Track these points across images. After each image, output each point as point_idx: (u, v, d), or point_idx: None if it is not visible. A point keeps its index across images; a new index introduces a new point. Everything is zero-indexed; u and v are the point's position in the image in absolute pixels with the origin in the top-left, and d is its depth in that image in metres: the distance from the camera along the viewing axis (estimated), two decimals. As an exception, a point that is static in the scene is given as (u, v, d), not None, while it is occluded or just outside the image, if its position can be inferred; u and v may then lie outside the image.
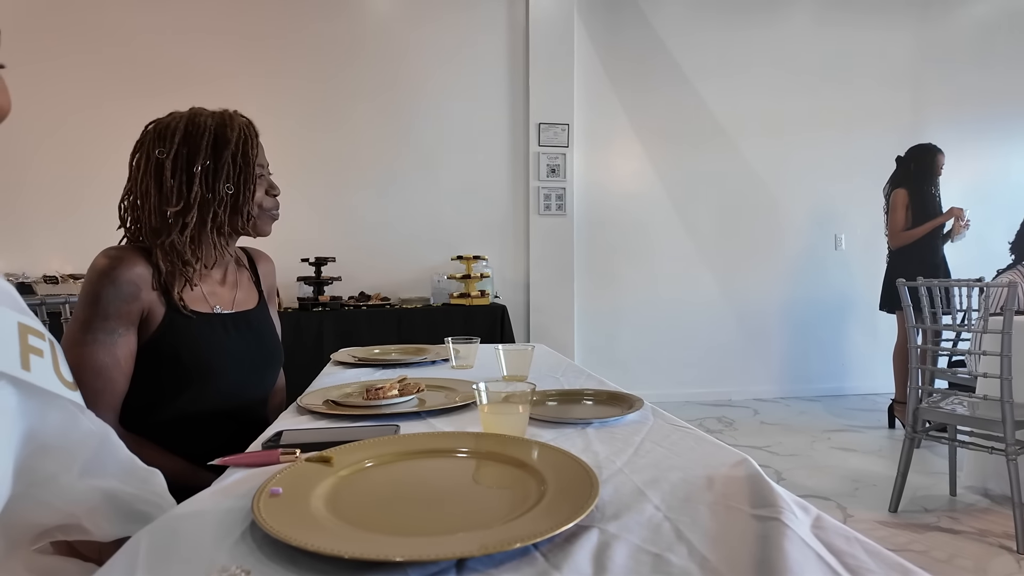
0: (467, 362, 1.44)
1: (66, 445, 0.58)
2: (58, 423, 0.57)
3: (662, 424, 0.91)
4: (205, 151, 1.07)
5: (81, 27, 3.49)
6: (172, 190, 1.06)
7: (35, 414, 0.54)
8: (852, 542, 0.50)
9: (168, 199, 1.06)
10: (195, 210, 1.06)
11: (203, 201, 1.07)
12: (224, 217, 1.10)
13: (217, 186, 1.08)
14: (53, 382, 0.53)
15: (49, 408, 0.56)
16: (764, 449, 3.09)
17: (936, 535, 2.08)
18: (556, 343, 3.58)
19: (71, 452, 0.59)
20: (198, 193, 1.06)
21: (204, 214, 1.08)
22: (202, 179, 1.07)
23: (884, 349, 3.67)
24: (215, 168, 1.07)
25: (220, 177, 1.08)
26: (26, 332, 0.51)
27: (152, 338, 1.03)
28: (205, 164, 1.07)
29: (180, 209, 1.06)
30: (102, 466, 0.62)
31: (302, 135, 3.70)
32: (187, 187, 1.06)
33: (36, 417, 0.54)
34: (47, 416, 0.56)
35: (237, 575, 0.46)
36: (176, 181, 1.06)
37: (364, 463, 0.71)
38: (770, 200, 4.28)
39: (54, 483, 0.58)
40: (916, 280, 2.27)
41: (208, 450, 0.97)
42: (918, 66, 4.43)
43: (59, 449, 0.57)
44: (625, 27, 4.08)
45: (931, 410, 2.17)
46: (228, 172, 1.08)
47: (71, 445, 0.58)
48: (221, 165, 1.08)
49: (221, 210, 1.09)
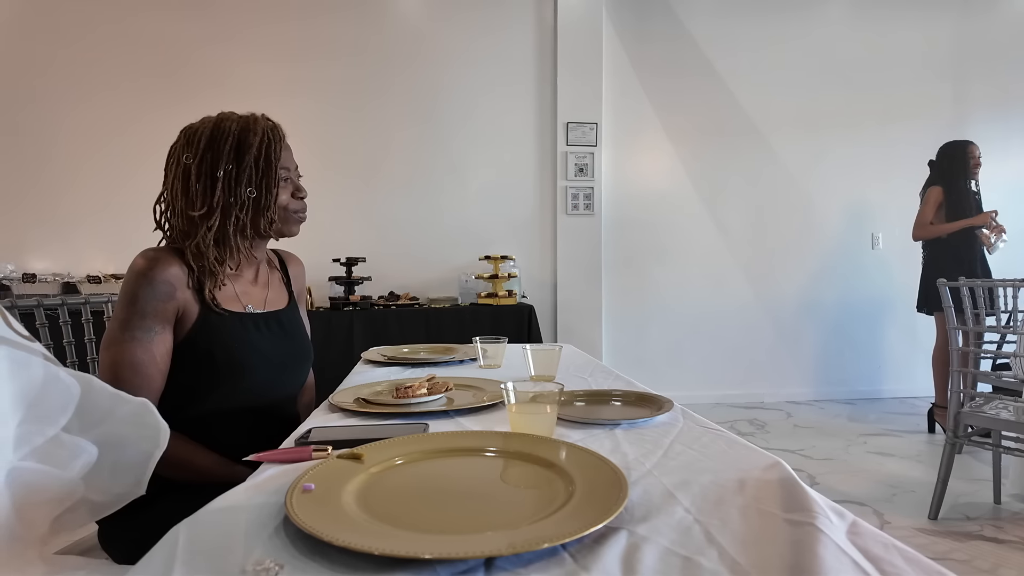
0: (495, 362, 1.44)
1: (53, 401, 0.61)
2: (40, 378, 0.60)
3: (692, 426, 0.89)
4: (227, 156, 1.09)
5: (122, 36, 3.60)
6: (197, 194, 1.08)
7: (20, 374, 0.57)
8: (890, 549, 0.49)
9: (193, 203, 1.09)
10: (218, 214, 1.08)
11: (226, 205, 1.09)
12: (246, 220, 1.11)
13: (239, 190, 1.09)
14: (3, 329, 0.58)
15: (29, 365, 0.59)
16: (797, 453, 3.03)
17: (979, 544, 2.00)
18: (584, 343, 3.57)
19: (59, 408, 0.61)
20: (220, 197, 1.08)
21: (226, 218, 1.09)
22: (225, 183, 1.09)
23: (924, 351, 3.56)
24: (237, 172, 1.09)
25: (242, 181, 1.09)
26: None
27: (187, 336, 1.06)
28: (227, 168, 1.09)
29: (204, 213, 1.08)
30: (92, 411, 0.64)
31: (333, 137, 3.76)
32: (211, 191, 1.08)
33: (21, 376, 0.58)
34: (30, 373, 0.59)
35: (271, 568, 0.47)
36: (201, 185, 1.09)
37: (394, 460, 0.71)
38: (804, 198, 4.18)
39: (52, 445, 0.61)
40: (958, 280, 2.20)
41: (238, 444, 0.99)
42: (960, 60, 4.28)
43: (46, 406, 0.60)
44: (654, 24, 4.03)
45: (974, 415, 2.09)
46: (250, 176, 1.10)
47: (57, 400, 0.61)
48: (243, 169, 1.09)
49: (243, 214, 1.10)
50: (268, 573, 0.46)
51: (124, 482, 0.66)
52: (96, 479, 0.64)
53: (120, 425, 0.66)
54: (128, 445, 0.66)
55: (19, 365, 0.58)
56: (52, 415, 0.61)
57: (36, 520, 0.62)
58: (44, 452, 0.60)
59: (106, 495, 0.66)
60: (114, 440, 0.65)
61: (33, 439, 0.59)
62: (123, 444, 0.66)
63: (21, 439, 0.58)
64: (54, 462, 0.61)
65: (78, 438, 0.63)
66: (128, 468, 0.66)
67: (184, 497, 0.69)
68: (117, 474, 0.66)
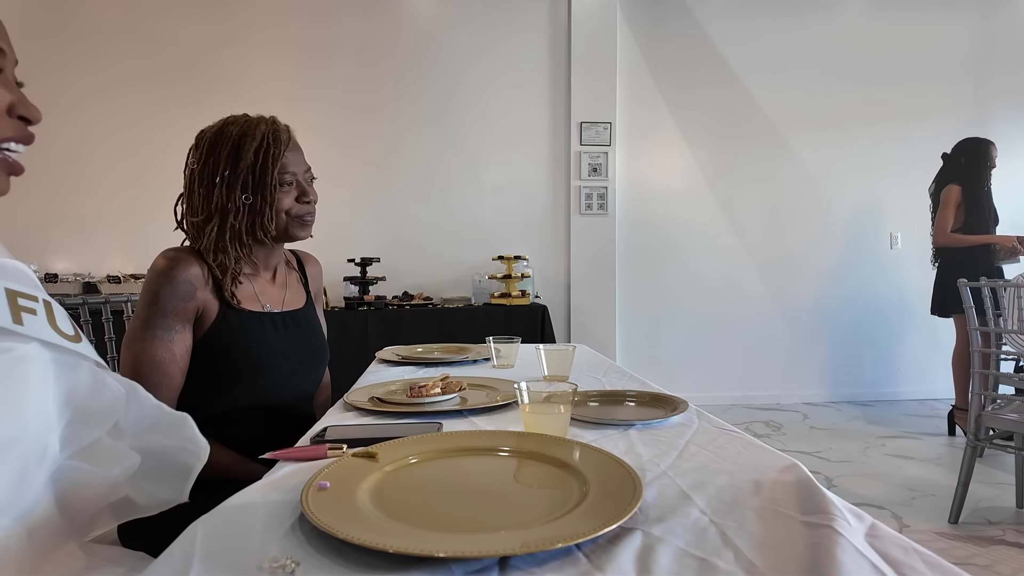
0: (508, 361, 1.44)
1: (99, 405, 0.62)
2: (88, 383, 0.61)
3: (707, 427, 0.89)
4: (225, 161, 1.09)
5: (141, 38, 3.65)
6: (200, 199, 1.10)
7: (68, 378, 0.59)
8: (910, 552, 0.48)
9: (195, 209, 1.10)
10: (216, 219, 1.09)
11: (223, 210, 1.09)
12: (241, 227, 1.10)
13: (234, 195, 1.09)
14: (49, 334, 0.59)
15: (78, 370, 0.60)
16: (814, 455, 2.99)
17: (1001, 549, 1.97)
18: (597, 344, 3.55)
19: (104, 411, 0.63)
20: (218, 202, 1.09)
21: (223, 223, 1.09)
22: (220, 189, 1.09)
23: (943, 352, 3.50)
24: (232, 178, 1.09)
25: (236, 187, 1.09)
26: (15, 295, 0.57)
27: (206, 335, 1.08)
28: (224, 174, 1.09)
29: (203, 218, 1.09)
30: (137, 421, 0.65)
31: (348, 137, 3.78)
32: (209, 197, 1.09)
33: (69, 380, 0.59)
34: (78, 378, 0.60)
35: (287, 565, 0.47)
36: (204, 190, 1.10)
37: (408, 459, 0.72)
38: (821, 197, 4.13)
39: (97, 447, 0.62)
40: (979, 280, 2.16)
41: (255, 443, 1.00)
42: (982, 56, 4.20)
43: (93, 410, 0.62)
44: (669, 23, 4.01)
45: (995, 417, 2.06)
46: (245, 181, 1.09)
47: (103, 404, 0.63)
48: (238, 175, 1.09)
49: (238, 220, 1.10)
50: (284, 570, 0.47)
51: (166, 489, 0.68)
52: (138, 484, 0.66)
53: (163, 436, 0.67)
54: (169, 456, 0.67)
55: (67, 369, 0.60)
56: (98, 418, 0.63)
57: (78, 514, 0.63)
58: (89, 452, 0.62)
59: (149, 499, 0.68)
60: (157, 448, 0.67)
61: (80, 440, 0.61)
62: (165, 454, 0.67)
63: (68, 439, 0.59)
64: (98, 463, 0.62)
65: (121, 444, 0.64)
66: (170, 477, 0.67)
67: (202, 493, 0.70)
68: (159, 482, 0.67)
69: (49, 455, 0.57)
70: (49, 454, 0.57)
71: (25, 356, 0.56)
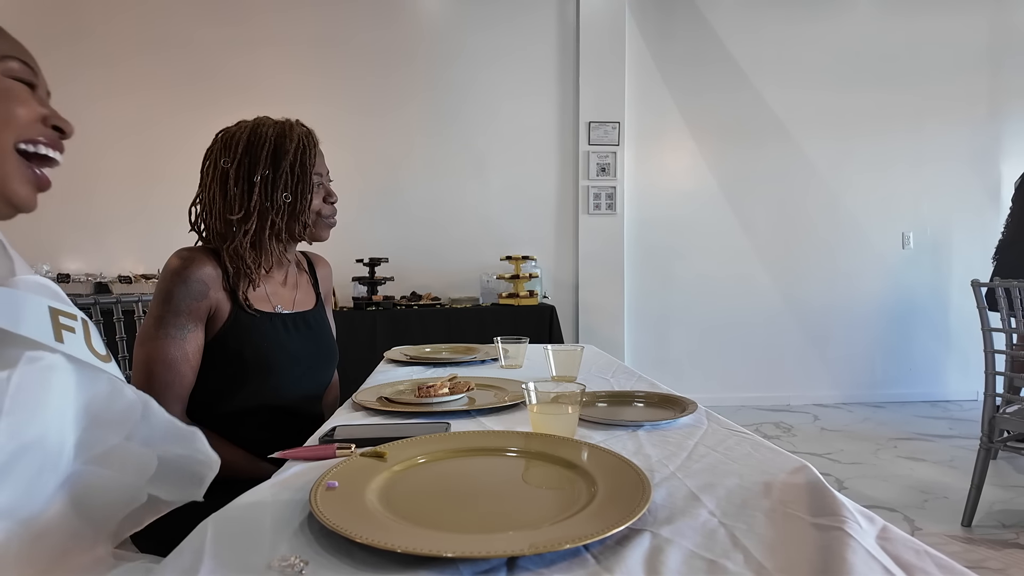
0: (516, 362, 1.44)
1: (114, 414, 0.64)
2: (106, 393, 0.63)
3: (717, 428, 0.88)
4: (265, 161, 1.11)
5: (154, 40, 3.69)
6: (235, 198, 1.11)
7: (87, 387, 0.61)
8: (922, 556, 0.48)
9: (231, 207, 1.11)
10: (255, 218, 1.11)
11: (262, 209, 1.12)
12: (282, 224, 1.14)
13: (275, 195, 1.12)
14: (84, 353, 0.61)
15: (97, 380, 0.62)
16: (825, 456, 2.97)
17: (1015, 552, 1.94)
18: (605, 344, 3.55)
19: (119, 421, 0.64)
20: (258, 201, 1.11)
21: (263, 222, 1.12)
22: (262, 188, 1.11)
23: (956, 353, 3.47)
24: (274, 177, 1.12)
25: (278, 186, 1.12)
26: (56, 313, 0.59)
27: (218, 335, 1.08)
28: (265, 174, 1.11)
29: (241, 216, 1.10)
30: (150, 431, 0.66)
31: (357, 139, 3.79)
32: (248, 196, 1.11)
33: (88, 390, 0.61)
34: (96, 388, 0.62)
35: (296, 564, 0.47)
36: (239, 190, 1.11)
37: (417, 459, 0.72)
38: (832, 197, 4.10)
39: (112, 453, 0.64)
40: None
41: (265, 442, 1.01)
42: (994, 53, 4.15)
43: (109, 419, 0.63)
44: (678, 21, 3.99)
45: (1010, 419, 2.03)
46: (286, 181, 1.12)
47: (118, 414, 0.64)
48: (280, 175, 1.12)
49: (279, 218, 1.13)
50: (293, 569, 0.47)
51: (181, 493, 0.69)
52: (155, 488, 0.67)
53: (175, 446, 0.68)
54: (183, 464, 0.68)
55: (88, 379, 0.61)
56: (115, 426, 0.64)
57: (101, 519, 0.64)
58: (105, 458, 0.63)
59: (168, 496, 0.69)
60: (170, 457, 0.68)
61: (95, 446, 0.62)
62: (178, 463, 0.68)
63: (82, 445, 0.61)
64: (114, 467, 0.63)
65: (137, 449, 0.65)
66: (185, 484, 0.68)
67: (212, 492, 0.71)
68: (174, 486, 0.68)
69: (64, 461, 0.58)
70: (64, 460, 0.58)
71: (52, 365, 0.57)
